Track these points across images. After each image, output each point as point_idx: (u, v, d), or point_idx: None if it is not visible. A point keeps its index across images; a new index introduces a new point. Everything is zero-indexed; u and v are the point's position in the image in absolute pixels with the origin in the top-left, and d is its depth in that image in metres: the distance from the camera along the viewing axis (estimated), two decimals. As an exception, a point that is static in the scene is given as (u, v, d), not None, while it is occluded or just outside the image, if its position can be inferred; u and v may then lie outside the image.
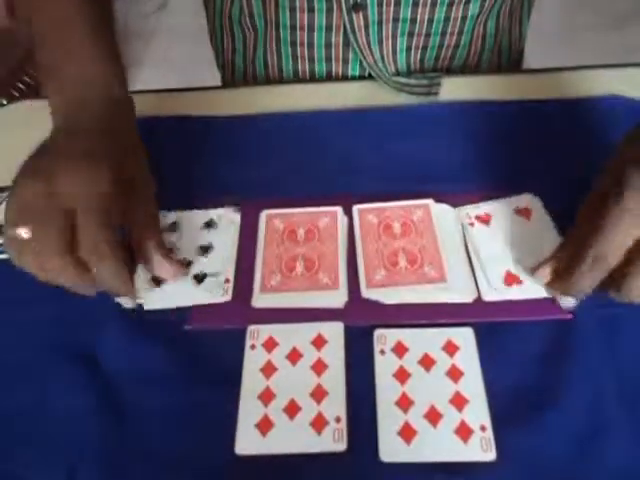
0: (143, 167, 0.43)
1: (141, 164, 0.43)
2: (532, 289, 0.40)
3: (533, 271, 0.39)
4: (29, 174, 0.38)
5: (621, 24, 1.79)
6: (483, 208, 0.45)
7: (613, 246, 0.34)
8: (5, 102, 0.65)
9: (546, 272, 0.39)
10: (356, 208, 0.45)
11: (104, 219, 0.36)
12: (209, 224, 0.45)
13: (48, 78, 0.44)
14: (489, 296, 0.40)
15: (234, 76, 0.68)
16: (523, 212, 0.44)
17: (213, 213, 0.46)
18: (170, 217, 0.46)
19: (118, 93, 0.45)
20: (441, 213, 0.44)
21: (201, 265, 0.42)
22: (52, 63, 0.45)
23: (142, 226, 0.41)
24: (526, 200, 0.45)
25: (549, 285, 0.39)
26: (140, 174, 0.43)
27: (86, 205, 0.36)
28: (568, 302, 0.38)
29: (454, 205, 0.45)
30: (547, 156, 0.48)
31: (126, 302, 0.40)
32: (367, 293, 0.40)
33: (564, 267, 0.38)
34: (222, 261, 0.43)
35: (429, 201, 0.45)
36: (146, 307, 0.41)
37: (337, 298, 0.40)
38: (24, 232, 0.35)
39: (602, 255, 0.35)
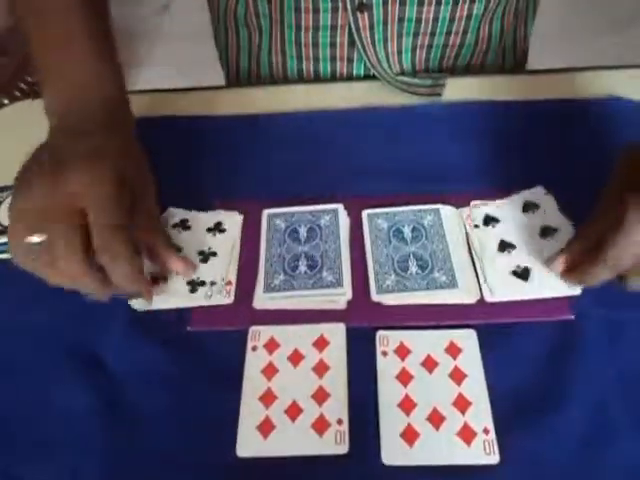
0: (143, 167, 0.43)
1: (141, 164, 0.43)
2: (535, 288, 0.39)
3: (548, 263, 0.40)
4: (34, 177, 0.37)
5: (625, 25, 1.79)
6: (486, 209, 0.44)
7: (629, 251, 0.35)
8: (7, 102, 0.65)
9: (559, 264, 0.39)
10: (365, 212, 0.45)
11: (117, 218, 0.36)
12: (211, 229, 0.45)
13: (44, 79, 0.44)
14: (491, 297, 0.39)
15: (238, 75, 0.68)
16: (531, 207, 0.44)
17: (215, 217, 0.45)
18: (177, 215, 0.45)
19: (115, 94, 0.44)
20: (447, 215, 0.44)
21: (199, 272, 0.42)
22: (48, 64, 0.44)
23: (148, 226, 0.40)
24: (537, 194, 0.45)
25: (562, 275, 0.40)
26: (140, 174, 0.42)
27: (98, 204, 0.36)
28: (574, 289, 0.39)
29: (457, 205, 0.45)
30: (549, 157, 0.48)
31: (139, 304, 0.40)
32: (377, 297, 0.40)
33: (578, 260, 0.38)
34: (222, 269, 0.42)
35: (439, 206, 0.45)
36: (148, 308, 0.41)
37: (341, 296, 0.40)
38: (36, 237, 0.35)
39: (618, 258, 0.35)
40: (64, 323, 0.41)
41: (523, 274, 0.40)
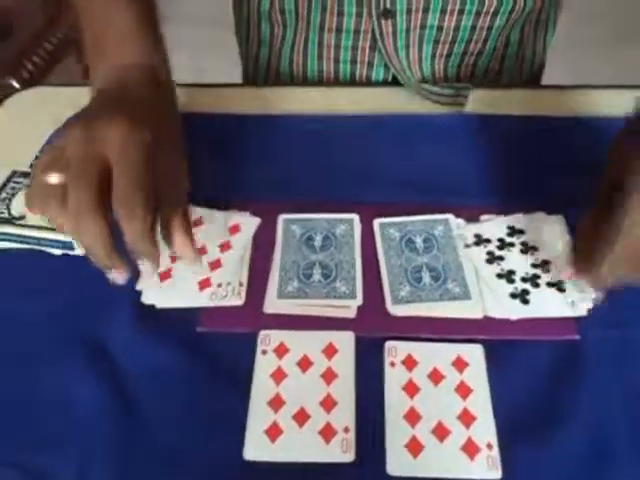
0: (177, 139, 0.42)
1: (176, 136, 0.42)
2: (538, 308, 0.40)
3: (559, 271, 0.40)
4: (68, 124, 0.38)
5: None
6: (483, 227, 0.45)
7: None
8: (18, 86, 0.64)
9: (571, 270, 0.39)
10: (377, 221, 0.45)
11: (140, 170, 0.34)
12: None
13: (93, 59, 0.44)
14: (494, 312, 0.40)
15: (257, 69, 0.68)
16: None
17: (230, 218, 0.46)
18: (193, 214, 0.45)
19: (160, 76, 0.44)
20: (457, 226, 0.45)
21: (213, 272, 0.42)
22: (98, 45, 0.44)
23: (172, 198, 0.38)
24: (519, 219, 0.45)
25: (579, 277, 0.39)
26: (174, 145, 0.41)
27: (123, 152, 0.34)
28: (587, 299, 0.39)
29: (467, 218, 0.45)
30: (567, 174, 0.48)
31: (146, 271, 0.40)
32: (392, 308, 0.40)
33: (589, 260, 0.37)
34: (235, 269, 0.42)
35: (449, 216, 0.45)
36: (158, 306, 0.41)
37: (353, 307, 0.40)
38: (53, 177, 0.34)
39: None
40: (71, 316, 0.41)
41: (521, 296, 0.40)
